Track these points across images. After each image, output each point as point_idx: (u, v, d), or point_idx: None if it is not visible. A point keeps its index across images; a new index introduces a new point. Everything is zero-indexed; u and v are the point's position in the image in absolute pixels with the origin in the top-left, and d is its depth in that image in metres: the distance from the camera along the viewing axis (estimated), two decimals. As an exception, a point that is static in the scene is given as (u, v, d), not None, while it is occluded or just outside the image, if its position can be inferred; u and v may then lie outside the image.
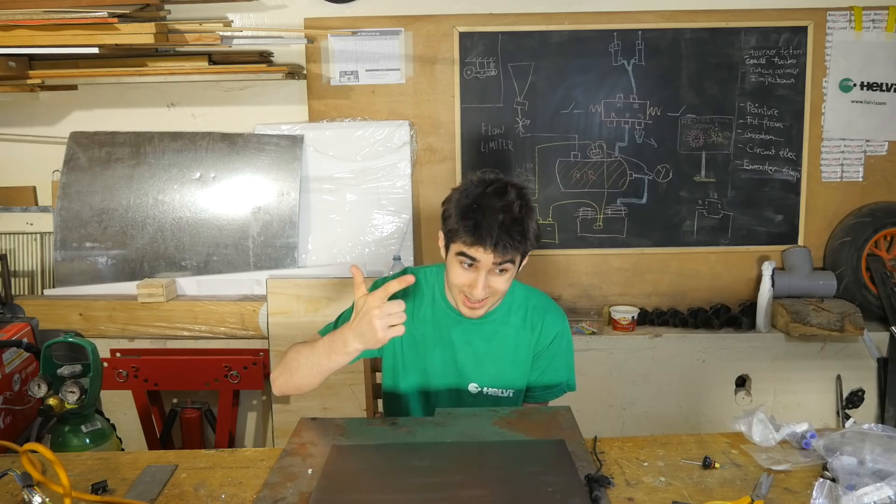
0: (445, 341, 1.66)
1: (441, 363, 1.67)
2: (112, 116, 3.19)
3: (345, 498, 1.22)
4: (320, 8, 3.08)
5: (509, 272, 1.54)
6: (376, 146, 3.04)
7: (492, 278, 1.52)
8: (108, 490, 1.33)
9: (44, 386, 1.90)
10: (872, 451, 1.31)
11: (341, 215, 3.06)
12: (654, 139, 3.15)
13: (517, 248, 1.50)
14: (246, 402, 3.00)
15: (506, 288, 1.56)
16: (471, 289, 1.52)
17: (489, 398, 1.68)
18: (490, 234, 1.46)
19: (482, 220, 1.47)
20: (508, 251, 1.48)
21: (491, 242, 1.46)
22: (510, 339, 1.67)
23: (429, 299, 1.68)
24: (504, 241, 1.47)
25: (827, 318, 2.90)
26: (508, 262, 1.51)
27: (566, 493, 1.20)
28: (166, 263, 3.02)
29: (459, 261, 1.52)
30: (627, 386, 2.99)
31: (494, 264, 1.50)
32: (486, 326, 1.66)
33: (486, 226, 1.46)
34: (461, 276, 1.53)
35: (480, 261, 1.50)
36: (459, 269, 1.53)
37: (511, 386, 1.68)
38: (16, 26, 2.63)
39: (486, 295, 1.53)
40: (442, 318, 1.66)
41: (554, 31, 3.07)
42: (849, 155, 3.17)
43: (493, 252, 1.47)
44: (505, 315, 1.68)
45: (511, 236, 1.47)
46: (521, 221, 1.50)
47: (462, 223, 1.48)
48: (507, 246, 1.47)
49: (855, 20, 3.07)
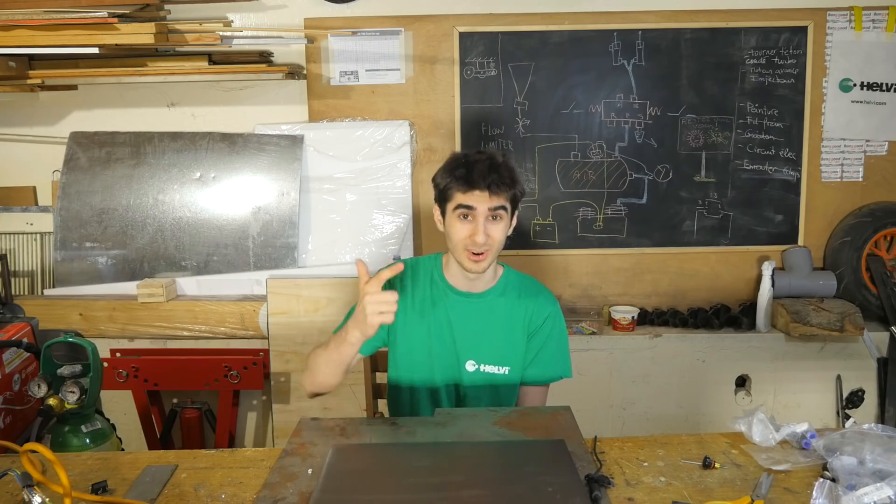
0: (444, 319, 1.73)
1: (440, 342, 1.73)
2: (112, 116, 3.19)
3: (345, 498, 1.22)
4: (320, 8, 3.08)
5: (503, 220, 1.64)
6: (376, 146, 3.04)
7: (488, 226, 1.61)
8: (108, 490, 1.33)
9: (44, 386, 1.90)
10: (872, 451, 1.31)
11: (341, 215, 3.06)
12: (654, 139, 3.15)
13: (508, 187, 1.61)
14: (246, 402, 3.00)
15: (501, 237, 1.64)
16: (472, 238, 1.61)
17: (486, 376, 1.74)
18: (482, 177, 1.59)
19: (472, 167, 1.61)
20: (501, 190, 1.60)
21: (484, 184, 1.58)
22: (505, 317, 1.74)
23: (427, 280, 1.76)
24: (495, 180, 1.59)
25: (827, 318, 2.90)
26: (501, 208, 1.61)
27: (566, 493, 1.20)
28: (166, 263, 3.02)
29: (458, 214, 1.62)
30: (627, 386, 2.99)
31: (489, 210, 1.60)
32: (483, 304, 1.73)
33: (476, 171, 1.60)
34: (461, 230, 1.63)
35: (476, 207, 1.60)
36: (459, 224, 1.63)
37: (507, 363, 1.74)
38: (16, 26, 2.63)
39: (485, 240, 1.61)
40: (440, 297, 1.74)
41: (554, 31, 3.07)
42: (849, 155, 3.17)
43: (488, 193, 1.59)
44: (500, 294, 1.75)
45: (500, 175, 1.60)
46: (507, 165, 1.64)
47: (454, 175, 1.62)
48: (499, 184, 1.59)
49: (855, 20, 3.07)
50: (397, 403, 1.81)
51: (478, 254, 1.62)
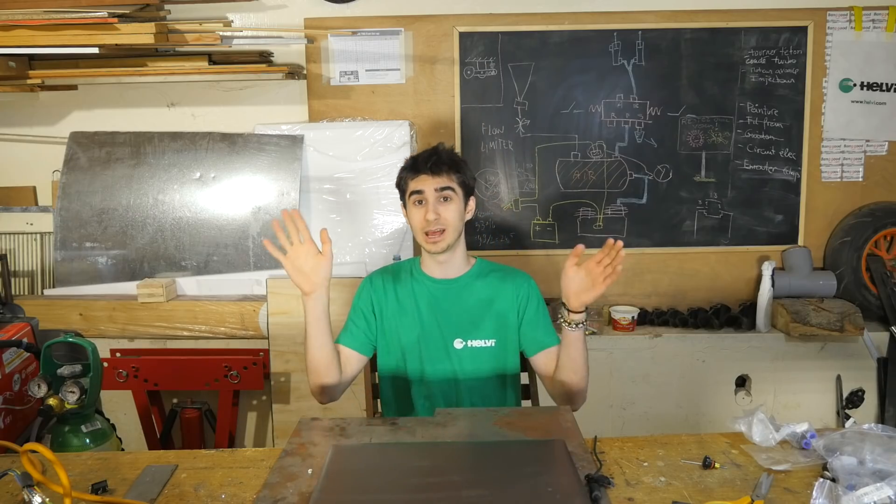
0: (426, 306, 1.85)
1: (426, 328, 1.84)
2: (112, 116, 3.19)
3: (345, 498, 1.22)
4: (320, 8, 3.08)
5: (453, 202, 1.78)
6: (376, 146, 3.04)
7: (439, 207, 1.76)
8: (108, 490, 1.33)
9: (44, 386, 1.90)
10: (872, 451, 1.31)
11: (341, 215, 3.06)
12: (654, 139, 3.15)
13: (449, 168, 1.78)
14: (246, 402, 3.00)
15: (453, 217, 1.78)
16: (425, 218, 1.76)
17: (474, 350, 1.84)
18: (425, 162, 1.78)
19: (417, 157, 1.81)
20: (442, 170, 1.77)
21: (427, 167, 1.77)
22: (484, 294, 1.86)
23: (408, 277, 1.89)
24: (436, 161, 1.77)
25: (827, 318, 2.90)
26: (448, 188, 1.77)
27: (566, 493, 1.20)
28: (166, 263, 3.02)
29: (413, 202, 1.79)
30: (627, 386, 2.99)
31: (436, 191, 1.76)
32: (460, 286, 1.87)
33: (421, 158, 1.80)
34: (417, 215, 1.79)
35: (424, 190, 1.77)
36: (415, 210, 1.79)
37: (492, 336, 1.85)
38: (16, 26, 2.63)
39: (436, 217, 1.75)
40: (420, 288, 1.87)
41: (554, 31, 3.08)
42: (849, 155, 3.17)
43: (431, 175, 1.76)
44: (476, 277, 1.88)
45: (440, 157, 1.78)
46: (449, 152, 1.82)
47: (403, 168, 1.84)
48: (439, 164, 1.77)
49: (855, 20, 3.07)
50: (390, 394, 1.91)
51: (434, 232, 1.76)
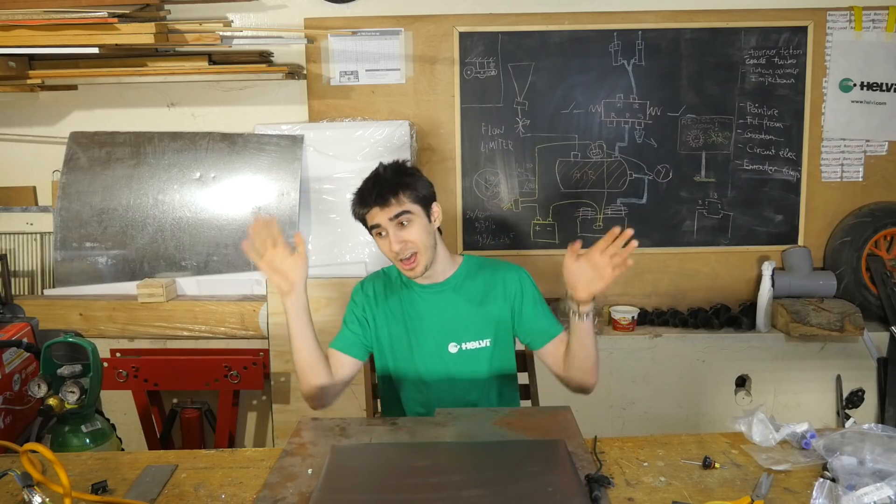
0: (416, 313, 1.83)
1: (418, 334, 1.82)
2: (112, 116, 3.19)
3: (345, 498, 1.22)
4: (320, 8, 3.08)
5: (415, 222, 1.71)
6: (376, 146, 3.04)
7: (401, 232, 1.70)
8: (108, 490, 1.33)
9: (44, 386, 1.90)
10: (872, 451, 1.31)
11: (341, 215, 3.06)
12: (654, 139, 3.15)
13: (398, 191, 1.69)
14: (246, 402, 3.00)
15: (420, 237, 1.71)
16: (391, 250, 1.70)
17: (470, 353, 1.82)
18: (369, 195, 1.71)
19: (362, 191, 1.75)
20: (390, 200, 1.68)
21: (371, 200, 1.70)
22: (474, 294, 1.83)
23: (398, 284, 1.87)
24: (379, 193, 1.69)
25: (827, 318, 2.90)
26: (401, 213, 1.69)
27: (566, 493, 1.20)
28: (166, 263, 3.02)
29: (375, 234, 1.74)
30: (627, 386, 2.99)
31: (391, 220, 1.69)
32: (448, 289, 1.83)
33: (364, 192, 1.73)
34: (383, 246, 1.73)
35: (381, 223, 1.70)
36: (380, 242, 1.74)
37: (486, 336, 1.82)
38: (16, 26, 2.63)
39: (400, 247, 1.69)
40: (409, 295, 1.84)
41: (554, 31, 3.07)
42: (849, 155, 3.17)
43: (379, 207, 1.69)
44: (463, 278, 1.84)
45: (384, 187, 1.70)
46: (391, 175, 1.73)
47: (353, 204, 1.77)
48: (386, 194, 1.68)
49: (855, 20, 3.07)
50: (389, 400, 1.90)
51: (406, 259, 1.71)
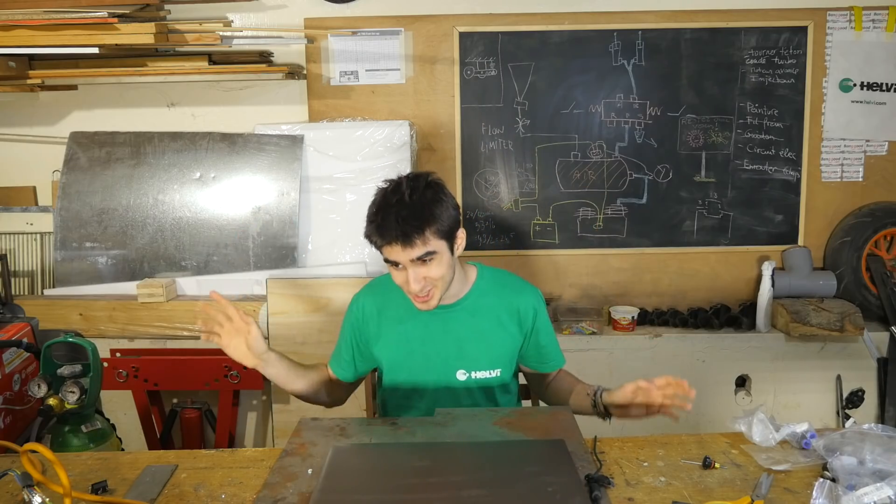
0: (425, 335, 1.70)
1: (426, 357, 1.70)
2: (112, 116, 3.19)
3: (345, 498, 1.22)
4: (320, 8, 3.08)
5: (436, 259, 1.54)
6: (376, 146, 3.04)
7: (421, 270, 1.54)
8: (108, 490, 1.33)
9: (44, 386, 1.90)
10: (872, 451, 1.31)
11: (341, 215, 3.06)
12: (654, 139, 3.15)
13: (424, 227, 1.50)
14: (246, 402, 3.00)
15: (442, 273, 1.56)
16: (407, 286, 1.57)
17: (479, 382, 1.71)
18: (391, 231, 1.50)
19: (382, 220, 1.51)
20: (415, 240, 1.50)
21: (394, 238, 1.50)
22: (487, 319, 1.70)
23: (401, 300, 1.68)
24: (405, 232, 1.49)
25: (827, 318, 2.90)
26: (426, 254, 1.52)
27: (566, 493, 1.20)
28: (166, 263, 3.02)
29: (390, 266, 1.57)
30: (627, 386, 2.99)
31: (412, 262, 1.52)
32: (461, 313, 1.70)
33: (386, 225, 1.50)
34: (397, 278, 1.58)
35: (400, 261, 1.53)
36: (394, 273, 1.58)
37: (496, 365, 1.71)
38: (16, 26, 2.63)
39: (420, 287, 1.55)
40: (418, 315, 1.68)
41: (554, 31, 3.07)
42: (849, 155, 3.17)
43: (401, 246, 1.50)
44: (477, 298, 1.71)
45: (409, 225, 1.49)
46: (417, 207, 1.51)
47: (369, 230, 1.55)
48: (411, 235, 1.49)
49: (855, 20, 3.07)
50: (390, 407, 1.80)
51: (421, 296, 1.58)
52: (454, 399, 1.71)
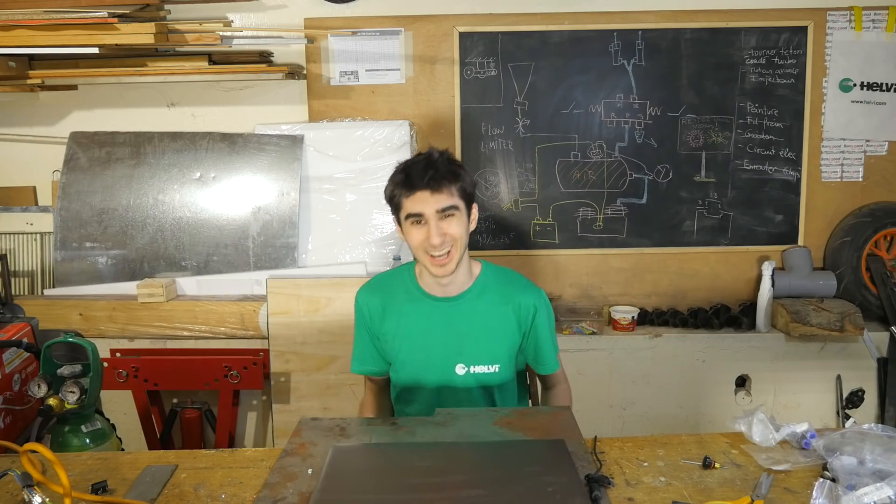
0: (426, 328, 1.72)
1: (426, 351, 1.72)
2: (112, 116, 3.19)
3: (345, 498, 1.22)
4: (320, 8, 3.08)
5: (457, 216, 1.61)
6: (376, 146, 3.04)
7: (442, 224, 1.60)
8: (108, 490, 1.33)
9: (44, 386, 1.90)
10: (872, 451, 1.31)
11: (341, 215, 3.06)
12: (654, 139, 3.14)
13: (449, 181, 1.59)
14: (246, 402, 3.00)
15: (460, 232, 1.62)
16: (428, 241, 1.59)
17: (477, 377, 1.72)
18: (420, 178, 1.58)
19: (410, 171, 1.61)
20: (442, 185, 1.58)
21: (423, 183, 1.57)
22: (488, 315, 1.72)
23: (404, 294, 1.73)
24: (434, 177, 1.57)
25: (827, 318, 2.90)
26: (450, 207, 1.60)
27: (566, 493, 1.20)
28: (166, 263, 3.02)
29: (410, 223, 1.61)
30: (627, 386, 2.99)
31: (437, 212, 1.59)
32: (464, 306, 1.72)
33: (414, 173, 1.59)
34: (417, 237, 1.61)
35: (424, 213, 1.59)
36: (414, 231, 1.61)
37: (495, 361, 1.72)
38: (16, 26, 2.63)
39: (441, 240, 1.59)
40: (421, 307, 1.72)
41: (554, 31, 3.07)
42: (849, 155, 3.16)
43: (430, 192, 1.58)
44: (480, 293, 1.73)
45: (438, 170, 1.58)
46: (445, 161, 1.62)
47: (395, 183, 1.63)
48: (439, 179, 1.58)
49: (855, 20, 3.07)
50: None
51: (440, 256, 1.60)
52: (453, 393, 1.72)
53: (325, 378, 2.79)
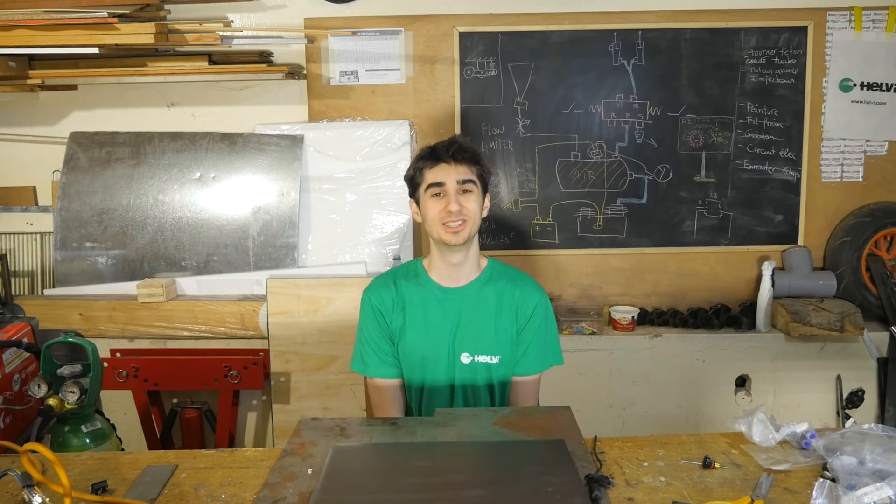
0: (435, 317, 1.77)
1: (434, 340, 1.77)
2: (112, 116, 3.19)
3: (345, 498, 1.22)
4: (320, 8, 3.08)
5: (474, 193, 1.73)
6: (376, 146, 3.04)
7: (460, 198, 1.70)
8: (108, 490, 1.33)
9: (44, 386, 1.90)
10: (872, 451, 1.31)
11: (341, 215, 3.06)
12: (654, 139, 3.15)
13: (471, 161, 1.72)
14: (246, 402, 3.00)
15: (475, 209, 1.72)
16: (446, 210, 1.69)
17: (480, 366, 1.77)
18: (446, 150, 1.71)
19: (436, 146, 1.74)
20: (464, 160, 1.71)
21: (448, 155, 1.70)
22: (493, 305, 1.78)
23: (414, 285, 1.80)
24: (458, 150, 1.71)
25: (827, 318, 2.90)
26: (469, 181, 1.71)
27: (566, 493, 1.20)
28: (166, 263, 3.02)
29: (430, 194, 1.72)
30: (627, 386, 2.99)
31: (458, 183, 1.70)
32: (470, 294, 1.78)
33: (440, 147, 1.73)
34: (435, 207, 1.71)
35: (445, 182, 1.70)
36: (432, 203, 1.72)
37: (497, 352, 1.77)
38: (16, 26, 2.63)
39: (458, 209, 1.69)
40: (430, 297, 1.79)
41: (554, 31, 3.07)
42: (849, 155, 3.17)
43: (453, 164, 1.70)
44: (484, 284, 1.80)
45: (462, 147, 1.73)
46: (468, 144, 1.76)
47: (420, 157, 1.75)
48: (462, 153, 1.71)
49: (855, 20, 3.07)
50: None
51: (455, 224, 1.69)
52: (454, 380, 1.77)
53: (325, 378, 2.80)
